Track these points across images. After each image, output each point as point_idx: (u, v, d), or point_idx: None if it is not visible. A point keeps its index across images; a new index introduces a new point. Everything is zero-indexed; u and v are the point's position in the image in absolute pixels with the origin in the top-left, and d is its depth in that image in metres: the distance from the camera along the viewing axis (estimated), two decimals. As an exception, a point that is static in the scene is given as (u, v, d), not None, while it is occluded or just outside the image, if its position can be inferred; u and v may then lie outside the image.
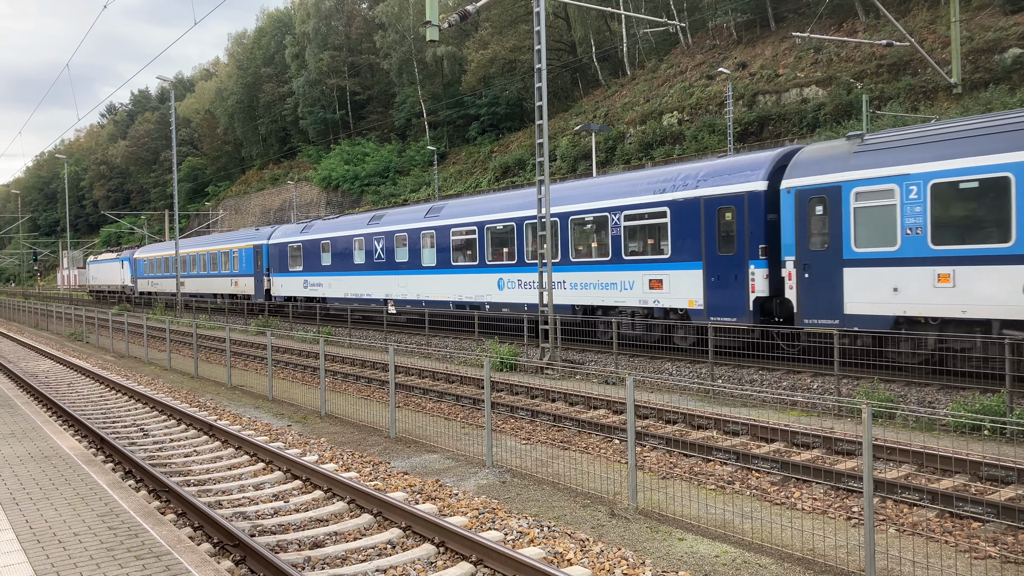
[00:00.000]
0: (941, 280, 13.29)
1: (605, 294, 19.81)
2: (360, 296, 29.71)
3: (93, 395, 17.08)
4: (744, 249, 16.62)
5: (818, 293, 14.96)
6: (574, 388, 14.64)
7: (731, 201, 16.89)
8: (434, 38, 16.97)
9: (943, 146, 13.42)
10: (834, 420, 11.91)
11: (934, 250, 13.36)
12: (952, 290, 13.10)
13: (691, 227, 17.65)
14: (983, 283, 12.67)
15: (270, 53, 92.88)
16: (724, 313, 16.98)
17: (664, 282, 18.36)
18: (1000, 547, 6.96)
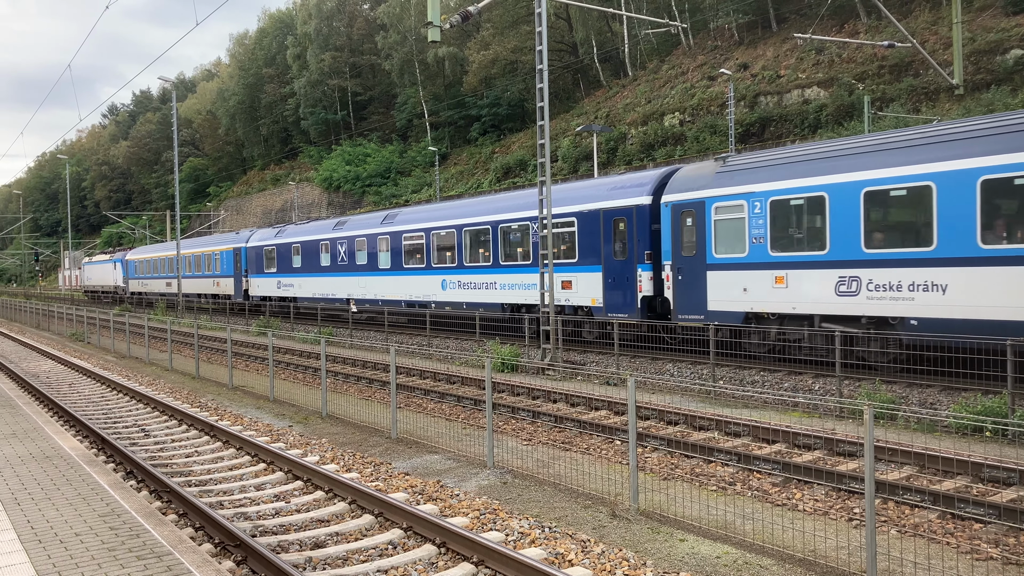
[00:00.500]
0: (777, 282, 15.81)
1: (527, 293, 21.86)
2: (326, 296, 31.85)
3: (94, 395, 17.09)
4: (634, 255, 19.01)
5: (689, 293, 17.30)
6: (575, 389, 14.64)
7: (623, 213, 19.26)
8: (436, 39, 16.98)
9: (780, 169, 15.92)
10: (835, 421, 11.90)
11: (772, 256, 15.87)
12: (785, 290, 15.67)
13: (593, 235, 20.05)
14: (807, 284, 15.28)
15: (272, 54, 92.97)
16: (619, 310, 19.32)
17: (573, 283, 20.62)
18: (1001, 548, 6.95)
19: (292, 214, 76.56)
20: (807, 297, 15.26)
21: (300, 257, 33.75)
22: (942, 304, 13.33)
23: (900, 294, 13.93)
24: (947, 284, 13.30)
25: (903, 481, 8.57)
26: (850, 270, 14.61)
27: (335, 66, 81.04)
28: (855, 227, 14.45)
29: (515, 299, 22.30)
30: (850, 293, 14.65)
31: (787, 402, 13.53)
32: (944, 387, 13.17)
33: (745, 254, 16.34)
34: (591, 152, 44.38)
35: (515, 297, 22.29)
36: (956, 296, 13.15)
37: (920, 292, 13.64)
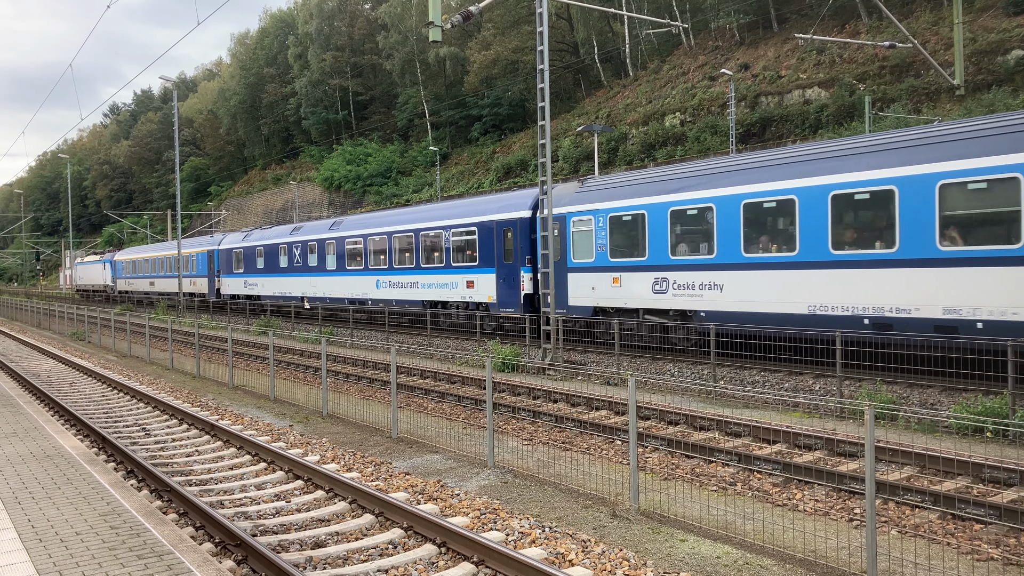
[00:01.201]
0: (614, 282, 19.36)
1: (441, 292, 25.32)
2: (284, 294, 35.42)
3: (95, 395, 17.10)
4: (518, 259, 22.16)
5: (557, 291, 19.96)
6: (576, 389, 14.64)
7: (510, 224, 22.49)
8: (437, 39, 16.98)
9: (617, 191, 19.64)
10: (836, 422, 11.90)
11: (611, 262, 19.39)
12: (620, 289, 19.20)
13: (489, 243, 23.23)
14: (634, 284, 18.86)
15: (273, 53, 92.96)
16: (507, 306, 22.59)
17: (475, 283, 23.77)
18: (1002, 549, 6.95)
19: (293, 214, 76.62)
20: (634, 294, 18.92)
21: (263, 259, 37.25)
22: (720, 299, 17.00)
23: (694, 292, 17.58)
24: (723, 284, 16.87)
25: (904, 481, 8.57)
26: (662, 273, 18.24)
27: (336, 66, 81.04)
28: (664, 238, 18.09)
29: (432, 297, 25.81)
30: (662, 291, 18.30)
31: (788, 402, 13.53)
32: (945, 387, 13.17)
33: (593, 259, 19.90)
34: (592, 152, 44.39)
35: (432, 295, 25.79)
36: (730, 293, 16.76)
37: (706, 290, 17.26)
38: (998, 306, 12.47)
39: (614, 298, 19.38)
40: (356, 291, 29.79)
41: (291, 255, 34.56)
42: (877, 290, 14.15)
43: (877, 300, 14.15)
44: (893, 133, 14.96)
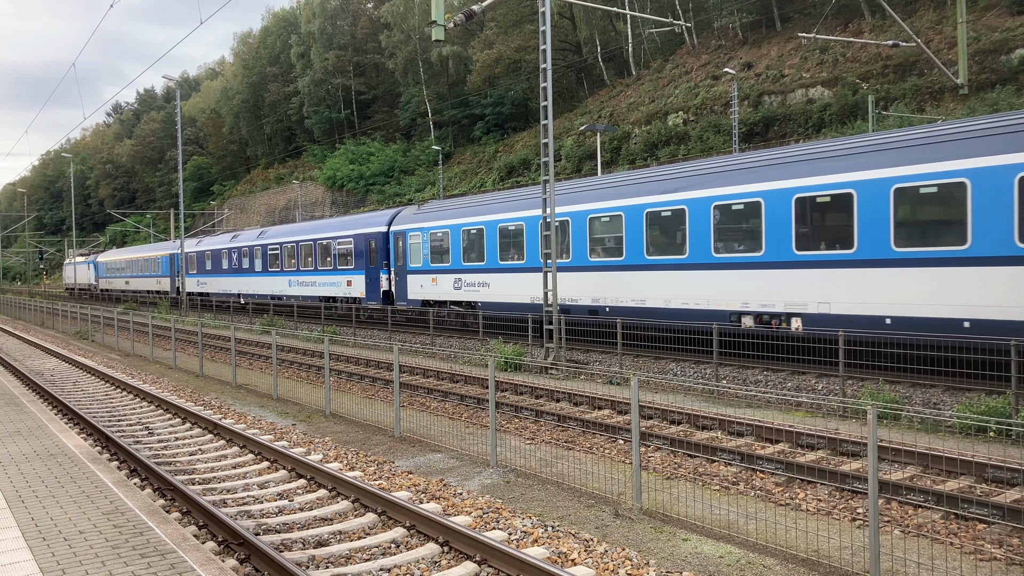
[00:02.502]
0: (433, 281, 26.15)
1: (331, 289, 32.44)
2: (227, 292, 42.25)
3: (99, 393, 17.12)
4: (380, 263, 29.31)
5: (401, 288, 27.90)
6: (578, 388, 14.64)
7: (373, 237, 29.65)
8: (440, 38, 16.97)
9: (434, 214, 26.57)
10: (839, 421, 11.89)
11: (431, 267, 26.21)
12: (437, 287, 26.05)
13: (361, 251, 30.34)
14: (444, 283, 25.53)
15: (276, 53, 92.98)
16: (372, 300, 29.69)
17: (352, 282, 30.91)
18: (1005, 549, 6.94)
19: (296, 213, 76.69)
20: (443, 291, 25.64)
21: (210, 262, 44.41)
22: (492, 294, 23.49)
23: (475, 288, 24.13)
24: (490, 283, 23.49)
25: (906, 481, 8.56)
26: (459, 275, 24.88)
27: (339, 65, 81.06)
28: (459, 249, 24.85)
29: (326, 293, 32.97)
30: (459, 288, 24.90)
31: (790, 402, 13.52)
32: (948, 387, 13.16)
33: (421, 265, 26.82)
34: (595, 151, 44.38)
35: (326, 292, 32.95)
36: (496, 289, 23.11)
37: (483, 288, 23.88)
38: (838, 300, 15.01)
39: (434, 293, 26.19)
40: (275, 289, 36.98)
41: (230, 259, 41.67)
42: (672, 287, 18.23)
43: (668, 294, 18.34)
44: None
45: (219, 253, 42.62)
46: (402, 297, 27.80)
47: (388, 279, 28.61)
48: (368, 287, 29.69)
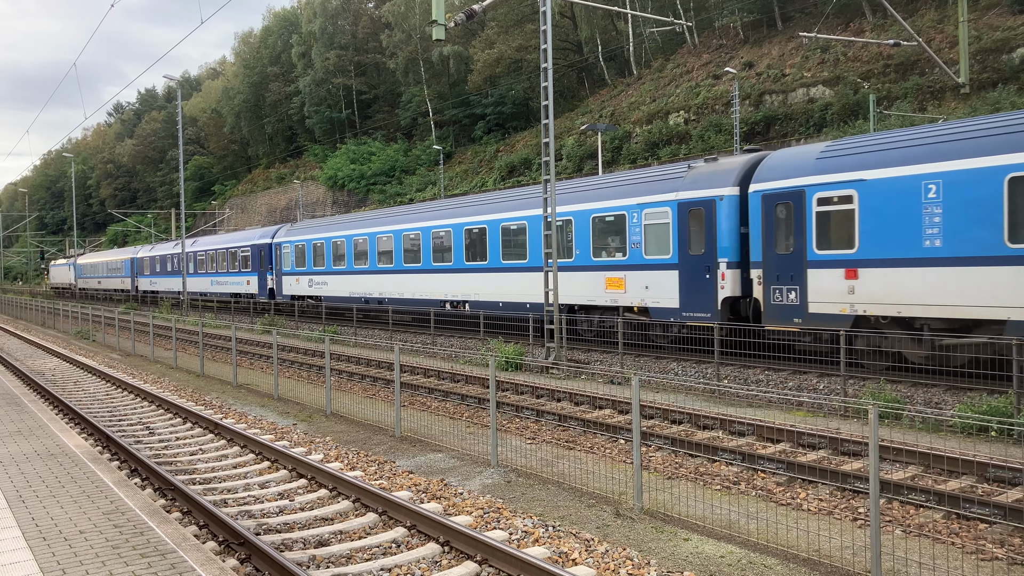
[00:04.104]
0: (296, 281, 34.63)
1: (238, 288, 40.89)
2: (170, 290, 50.49)
3: (99, 393, 17.13)
4: (267, 267, 37.79)
5: (279, 286, 36.46)
6: (579, 388, 14.63)
7: (262, 247, 38.16)
8: (440, 37, 16.96)
9: (309, 230, 34.60)
10: (840, 421, 11.88)
11: (297, 269, 34.47)
12: (298, 285, 34.40)
13: (257, 257, 38.67)
14: (303, 281, 33.98)
15: (276, 52, 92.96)
16: (262, 295, 38.05)
17: (250, 282, 39.51)
18: (1007, 549, 6.93)
19: (297, 212, 76.71)
20: (303, 287, 34.44)
21: (159, 264, 52.70)
22: (329, 290, 32.10)
23: (320, 286, 33.13)
24: (328, 282, 32.35)
25: (908, 481, 8.55)
26: (311, 276, 33.81)
27: (340, 65, 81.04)
28: (310, 258, 33.62)
29: (234, 290, 41.24)
30: (311, 286, 33.79)
31: (791, 401, 13.51)
32: (949, 387, 13.14)
33: (290, 268, 35.48)
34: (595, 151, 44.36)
35: (234, 289, 41.27)
36: (332, 287, 32.02)
37: (324, 285, 32.69)
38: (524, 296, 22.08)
39: (297, 289, 34.91)
40: (202, 287, 45.62)
41: (173, 263, 49.73)
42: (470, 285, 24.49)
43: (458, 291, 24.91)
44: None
45: (165, 258, 51.29)
46: (280, 293, 36.58)
47: (271, 279, 37.34)
48: (259, 285, 38.41)
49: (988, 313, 12.77)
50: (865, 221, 14.47)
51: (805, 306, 15.39)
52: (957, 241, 13.19)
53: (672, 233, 18.10)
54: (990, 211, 12.76)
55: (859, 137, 15.79)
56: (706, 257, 17.36)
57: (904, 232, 13.90)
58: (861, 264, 14.52)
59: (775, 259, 15.89)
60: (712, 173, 17.70)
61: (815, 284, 15.19)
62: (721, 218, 17.06)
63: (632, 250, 19.01)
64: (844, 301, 14.77)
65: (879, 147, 14.58)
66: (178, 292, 46.92)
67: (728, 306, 17.20)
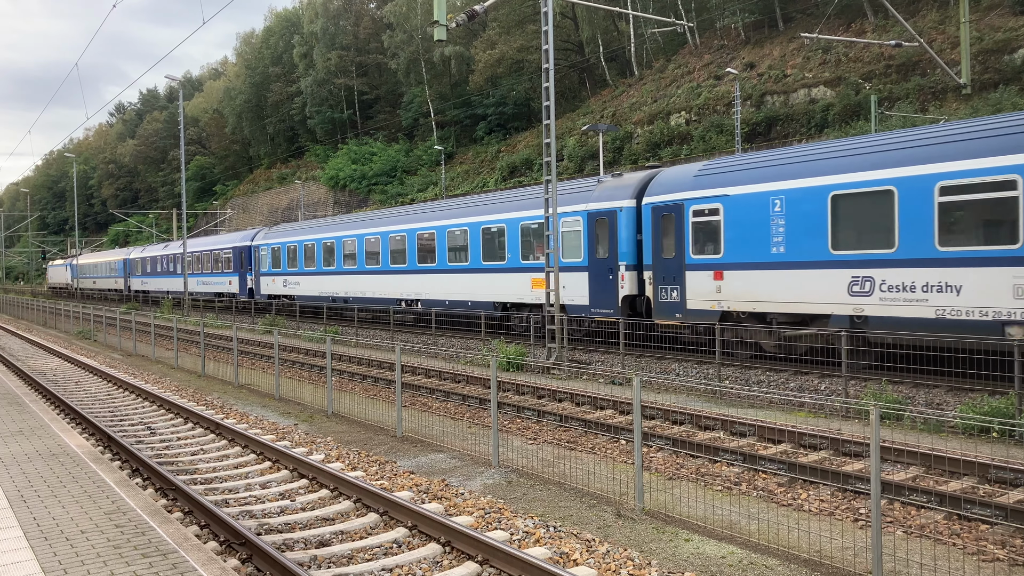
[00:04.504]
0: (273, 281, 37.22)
1: (221, 287, 43.45)
2: (160, 289, 53.69)
3: (101, 393, 17.14)
4: (247, 268, 40.27)
5: (257, 285, 38.51)
6: (580, 388, 14.63)
7: (243, 249, 40.59)
8: (442, 38, 16.95)
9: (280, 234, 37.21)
10: (841, 421, 11.87)
11: (273, 271, 37.08)
12: (275, 285, 36.85)
13: (238, 259, 41.08)
14: (279, 282, 36.70)
15: (278, 53, 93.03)
16: (243, 294, 40.56)
17: (232, 282, 41.91)
18: (1008, 550, 6.93)
19: (298, 213, 76.74)
20: (278, 287, 36.56)
21: (149, 266, 55.86)
22: (302, 289, 34.14)
23: (293, 286, 35.14)
24: (300, 282, 34.39)
25: (909, 482, 8.54)
26: (285, 276, 35.84)
27: (341, 65, 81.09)
28: (284, 260, 35.66)
29: (217, 289, 44.00)
30: (286, 286, 35.93)
31: (793, 402, 13.50)
32: (951, 387, 13.13)
33: (267, 269, 37.62)
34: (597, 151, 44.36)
35: (217, 289, 44.01)
36: (304, 287, 33.91)
37: (296, 285, 34.79)
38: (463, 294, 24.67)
39: (274, 289, 37.00)
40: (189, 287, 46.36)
41: (163, 264, 53.09)
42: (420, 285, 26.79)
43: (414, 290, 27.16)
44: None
45: (155, 259, 54.45)
46: (258, 292, 38.50)
47: (251, 279, 39.64)
48: (240, 285, 40.70)
49: (818, 308, 15.05)
50: (728, 230, 16.74)
51: (684, 303, 17.75)
52: (795, 248, 15.44)
53: (584, 239, 20.33)
54: (818, 223, 15.01)
55: (727, 158, 18.44)
56: (609, 260, 19.60)
57: (757, 240, 16.12)
58: (725, 267, 16.82)
59: (662, 263, 18.25)
60: (615, 187, 19.94)
61: (692, 284, 17.55)
62: (621, 227, 19.31)
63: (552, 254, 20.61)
64: (713, 299, 17.11)
65: (741, 167, 16.82)
66: (167, 291, 50.76)
67: (627, 303, 19.45)
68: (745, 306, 16.46)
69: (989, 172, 12.65)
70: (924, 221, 13.48)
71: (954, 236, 13.13)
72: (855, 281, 14.46)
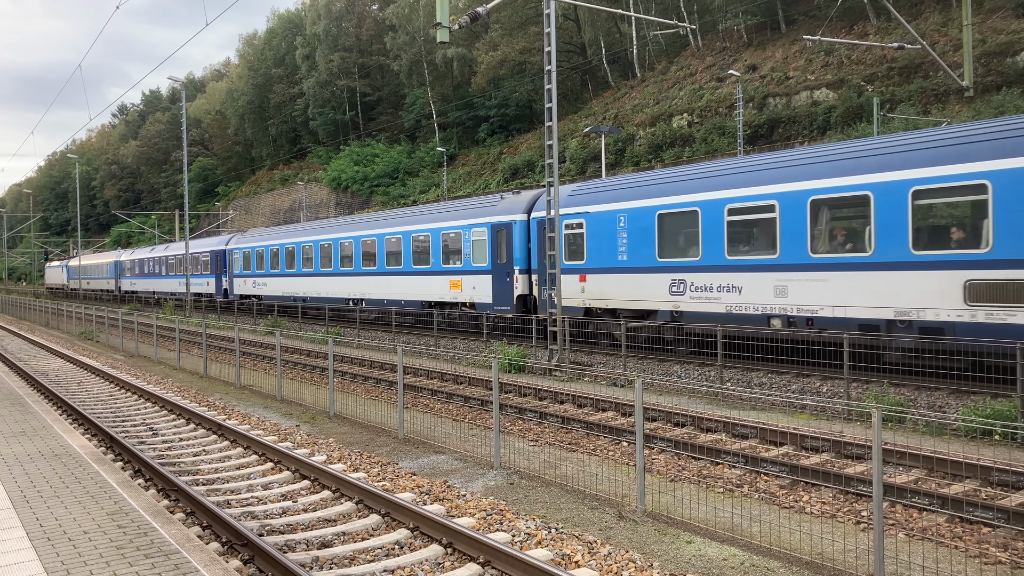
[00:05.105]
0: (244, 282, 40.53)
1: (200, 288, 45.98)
2: (147, 290, 56.53)
3: (103, 394, 17.16)
4: (223, 270, 43.18)
5: (231, 286, 41.62)
6: (582, 390, 14.63)
7: (218, 252, 43.37)
8: (444, 39, 16.95)
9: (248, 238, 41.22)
10: (843, 424, 11.87)
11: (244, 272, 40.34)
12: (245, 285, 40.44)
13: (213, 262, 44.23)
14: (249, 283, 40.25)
15: (281, 54, 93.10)
16: (219, 294, 43.41)
17: (209, 283, 44.91)
18: (1010, 553, 6.92)
19: (300, 214, 76.81)
20: (248, 288, 39.57)
21: (136, 268, 58.98)
22: (267, 290, 37.91)
23: (260, 286, 38.33)
24: (267, 283, 37.58)
25: (911, 484, 8.54)
26: (255, 278, 38.83)
27: (344, 66, 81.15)
28: (253, 263, 38.66)
29: (197, 290, 46.20)
30: (255, 287, 38.93)
31: (795, 404, 13.50)
32: (953, 390, 13.12)
33: (240, 271, 40.75)
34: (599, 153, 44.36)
35: (197, 289, 46.21)
36: (269, 287, 37.36)
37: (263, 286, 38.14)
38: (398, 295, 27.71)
39: (245, 289, 40.20)
40: (171, 288, 51.17)
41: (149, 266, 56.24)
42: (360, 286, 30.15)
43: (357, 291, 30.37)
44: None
45: (143, 262, 57.58)
46: (232, 292, 41.88)
47: (225, 280, 42.89)
48: (216, 286, 43.86)
49: (651, 305, 18.46)
50: (590, 241, 20.02)
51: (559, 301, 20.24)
52: (635, 256, 18.77)
53: (488, 247, 23.38)
54: (649, 236, 18.39)
55: (593, 181, 22.77)
56: (507, 265, 22.73)
57: (609, 249, 19.43)
58: (588, 271, 20.08)
59: (543, 267, 21.08)
60: (512, 203, 23.17)
61: (565, 285, 20.22)
62: (515, 237, 22.45)
63: (465, 259, 24.31)
64: (579, 297, 20.32)
65: (600, 189, 20.47)
66: (153, 291, 54.94)
67: (521, 301, 22.54)
68: (602, 303, 19.84)
69: (757, 198, 16.17)
70: (718, 235, 16.75)
71: (738, 248, 16.52)
72: (674, 283, 17.93)
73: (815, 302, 14.95)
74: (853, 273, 14.36)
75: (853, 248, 14.50)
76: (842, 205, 14.81)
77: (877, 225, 13.99)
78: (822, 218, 15.07)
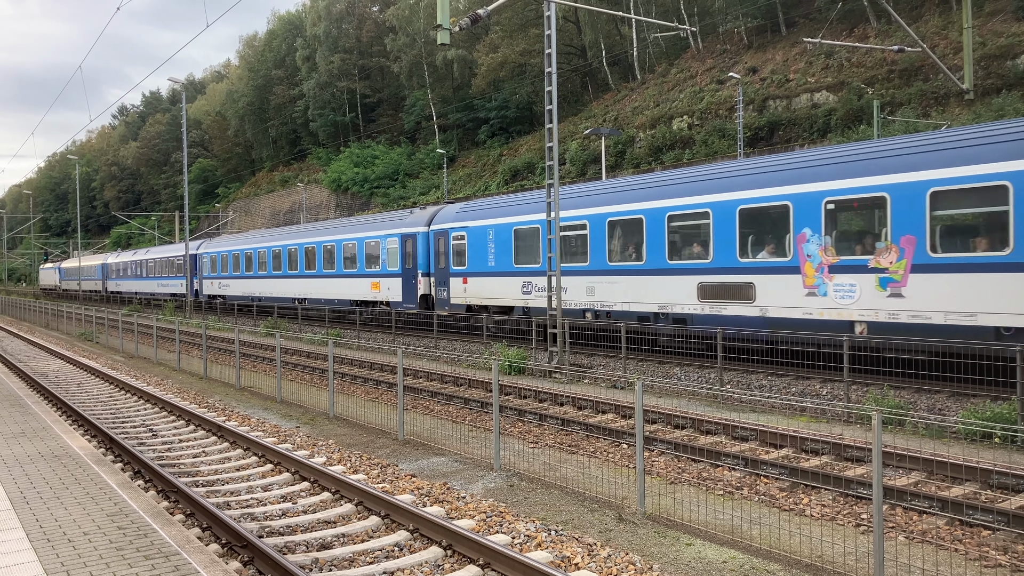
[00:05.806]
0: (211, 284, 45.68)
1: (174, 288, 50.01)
2: (130, 291, 59.89)
3: (103, 395, 17.16)
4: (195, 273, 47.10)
5: (201, 287, 46.71)
6: (582, 392, 14.63)
7: (192, 256, 46.02)
8: (445, 41, 16.96)
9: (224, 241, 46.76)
10: (843, 426, 11.87)
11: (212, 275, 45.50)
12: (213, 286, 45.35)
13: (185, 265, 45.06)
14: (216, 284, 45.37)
15: (281, 55, 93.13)
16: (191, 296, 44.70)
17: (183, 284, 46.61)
18: (1010, 556, 6.92)
19: (300, 215, 76.82)
20: (216, 288, 44.19)
21: (122, 270, 62.16)
22: (232, 290, 42.42)
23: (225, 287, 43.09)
24: (232, 284, 42.27)
25: (911, 487, 8.54)
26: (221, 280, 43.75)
27: (344, 68, 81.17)
28: (219, 265, 43.70)
29: (171, 291, 50.34)
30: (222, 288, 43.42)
31: (795, 407, 13.50)
32: (953, 393, 13.12)
33: (207, 273, 45.28)
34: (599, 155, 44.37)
35: (171, 290, 50.42)
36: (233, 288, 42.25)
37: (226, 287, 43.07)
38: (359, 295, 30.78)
39: (212, 290, 44.48)
40: (150, 288, 54.88)
41: (131, 268, 59.89)
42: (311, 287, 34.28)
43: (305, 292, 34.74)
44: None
45: (128, 264, 61.43)
46: (202, 293, 46.05)
47: (197, 282, 46.90)
48: (188, 287, 46.13)
49: (511, 302, 22.58)
50: (470, 250, 24.17)
51: (449, 299, 25.29)
52: (500, 263, 23.01)
53: (399, 254, 27.73)
54: (508, 247, 22.64)
55: (476, 201, 27.76)
56: (413, 269, 27.06)
57: (482, 257, 23.68)
58: (469, 275, 24.29)
59: (438, 271, 25.82)
60: (418, 217, 27.56)
61: (453, 287, 24.99)
62: (419, 245, 26.77)
63: (383, 264, 28.68)
64: (463, 296, 24.58)
65: (478, 208, 24.63)
66: (135, 292, 58.56)
67: (423, 300, 26.74)
68: (478, 301, 24.00)
69: (573, 219, 20.31)
70: (554, 247, 19.15)
71: (565, 257, 20.13)
72: (524, 285, 22.03)
73: (612, 299, 19.30)
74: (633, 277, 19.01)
75: (636, 257, 18.77)
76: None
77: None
78: (615, 234, 19.34)
